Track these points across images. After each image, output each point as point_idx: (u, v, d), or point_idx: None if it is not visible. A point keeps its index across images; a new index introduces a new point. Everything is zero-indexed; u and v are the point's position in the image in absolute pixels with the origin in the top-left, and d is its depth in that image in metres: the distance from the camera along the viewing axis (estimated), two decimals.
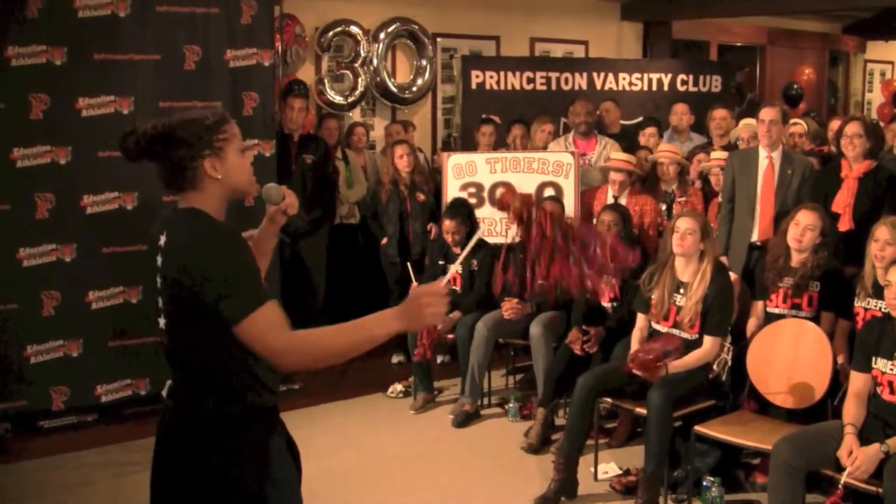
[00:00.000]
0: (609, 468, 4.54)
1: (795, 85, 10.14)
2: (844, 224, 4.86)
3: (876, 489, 3.30)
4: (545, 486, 4.26)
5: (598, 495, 4.34)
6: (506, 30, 8.63)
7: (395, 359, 6.48)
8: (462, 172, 6.27)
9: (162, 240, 2.19)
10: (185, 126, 2.17)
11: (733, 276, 4.70)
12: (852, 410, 3.54)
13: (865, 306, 4.17)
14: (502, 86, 7.92)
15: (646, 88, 8.28)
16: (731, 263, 5.08)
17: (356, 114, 7.83)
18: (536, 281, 2.52)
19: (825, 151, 6.32)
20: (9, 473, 4.60)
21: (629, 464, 4.54)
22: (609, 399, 4.41)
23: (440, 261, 5.66)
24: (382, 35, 7.78)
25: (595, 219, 5.33)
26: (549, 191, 6.01)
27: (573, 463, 4.27)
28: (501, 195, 2.44)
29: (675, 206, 5.63)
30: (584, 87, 8.06)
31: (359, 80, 7.67)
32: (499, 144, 6.92)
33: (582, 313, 5.05)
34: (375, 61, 7.75)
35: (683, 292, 4.30)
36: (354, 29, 7.62)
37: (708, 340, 4.22)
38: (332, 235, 6.48)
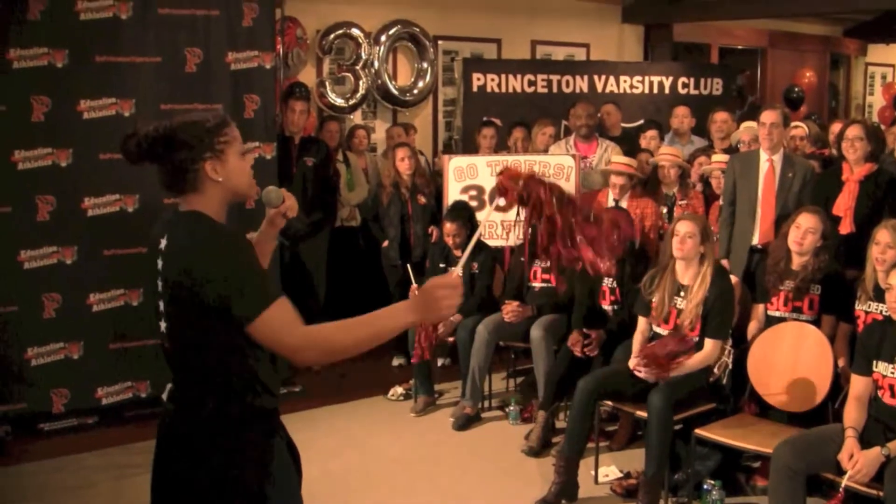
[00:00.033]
0: (610, 471, 4.53)
1: (796, 88, 10.14)
2: (845, 227, 4.85)
3: (877, 493, 3.30)
4: (546, 489, 4.25)
5: (599, 498, 4.33)
6: (507, 32, 8.64)
7: (396, 361, 6.48)
8: (463, 175, 6.27)
9: (163, 243, 2.18)
10: (187, 128, 2.17)
11: (734, 279, 4.70)
12: (853, 414, 3.53)
13: (866, 309, 4.17)
14: (503, 88, 7.92)
15: (647, 91, 8.28)
16: (732, 266, 5.08)
17: (357, 116, 7.84)
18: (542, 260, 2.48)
19: (826, 154, 6.31)
20: (9, 476, 4.60)
21: (630, 467, 4.53)
22: (610, 402, 4.41)
23: (441, 263, 5.65)
24: (383, 38, 7.79)
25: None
26: None
27: (574, 466, 4.26)
28: (499, 181, 2.39)
29: (676, 210, 5.62)
30: (585, 90, 8.06)
31: (360, 83, 7.68)
32: (500, 147, 6.93)
33: (582, 316, 5.06)
34: (377, 64, 7.76)
35: (684, 295, 4.30)
36: (356, 31, 7.63)
37: (708, 343, 4.22)
38: (333, 238, 6.49)
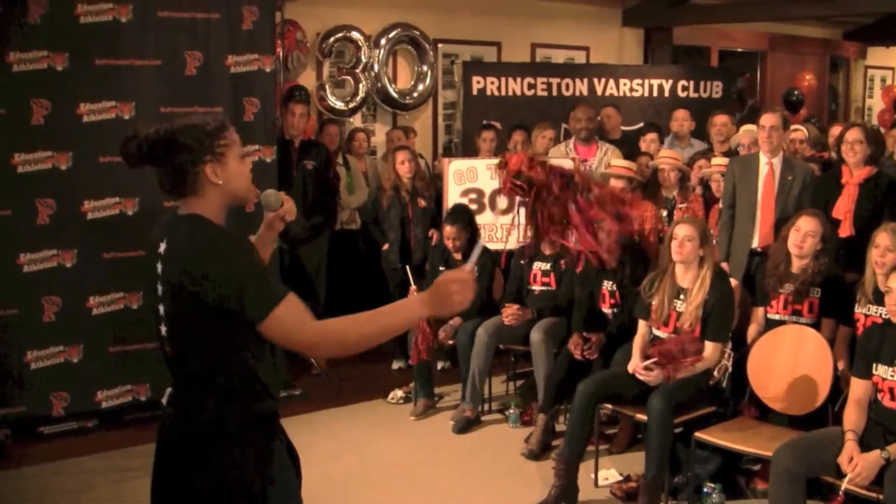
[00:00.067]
0: (609, 474, 4.53)
1: (796, 91, 10.14)
2: (845, 230, 4.85)
3: (877, 495, 3.29)
4: (546, 493, 4.25)
5: (599, 501, 4.33)
6: (507, 35, 8.64)
7: (396, 365, 6.48)
8: (463, 178, 6.28)
9: (162, 246, 2.18)
10: (187, 131, 2.17)
11: (734, 283, 4.70)
12: (853, 417, 3.53)
13: (866, 312, 4.17)
14: (503, 91, 7.92)
15: (647, 94, 8.28)
16: (732, 269, 5.07)
17: (357, 119, 7.84)
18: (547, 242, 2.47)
19: (826, 157, 6.32)
20: (9, 479, 4.60)
21: (630, 470, 4.53)
22: (610, 405, 4.41)
23: (440, 266, 5.65)
24: (383, 41, 7.79)
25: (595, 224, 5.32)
26: None
27: (574, 469, 4.26)
28: (500, 164, 2.40)
29: (676, 213, 5.62)
30: (585, 93, 8.06)
31: (360, 86, 7.68)
32: (500, 150, 6.92)
33: (582, 319, 5.06)
34: (376, 67, 7.77)
35: (683, 298, 4.30)
36: (356, 35, 7.63)
37: (708, 346, 4.22)
38: (333, 241, 6.49)
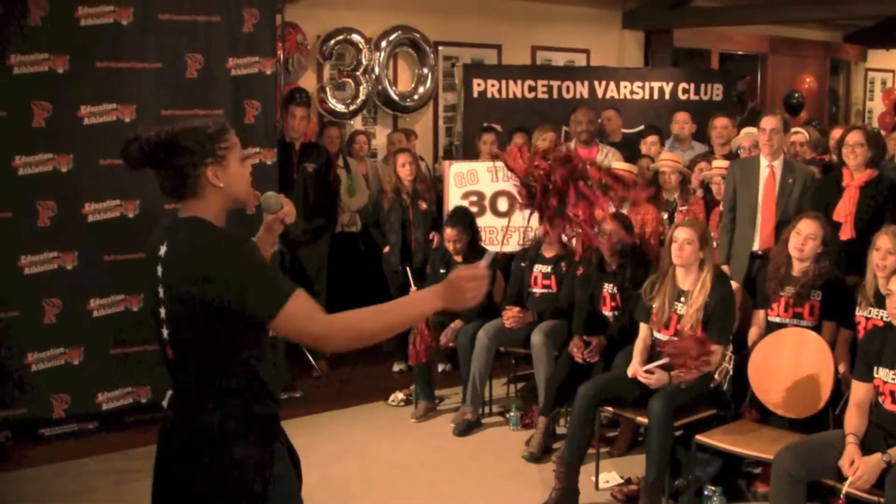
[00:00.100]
0: (610, 477, 4.53)
1: (796, 94, 10.14)
2: (846, 233, 4.85)
3: (878, 499, 3.29)
4: (546, 495, 4.25)
5: None
6: (507, 38, 8.64)
7: (397, 367, 6.47)
8: (463, 181, 6.28)
9: (162, 249, 2.18)
10: (188, 134, 2.18)
11: (735, 285, 4.69)
12: (854, 420, 3.53)
13: (867, 315, 4.17)
14: (504, 94, 7.92)
15: (647, 97, 8.28)
16: (733, 272, 5.07)
17: (358, 122, 7.84)
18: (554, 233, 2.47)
19: (826, 160, 6.32)
20: (9, 481, 4.60)
21: (630, 473, 4.53)
22: (610, 408, 4.41)
23: (441, 269, 5.64)
24: (384, 43, 7.79)
25: (596, 227, 5.32)
26: None
27: (574, 472, 4.26)
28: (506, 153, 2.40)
29: (677, 215, 5.62)
30: (586, 96, 8.06)
31: (360, 89, 7.69)
32: (500, 151, 6.92)
33: (583, 321, 5.06)
34: (377, 69, 7.77)
35: (684, 301, 4.30)
36: (356, 37, 7.64)
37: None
38: (334, 243, 6.49)
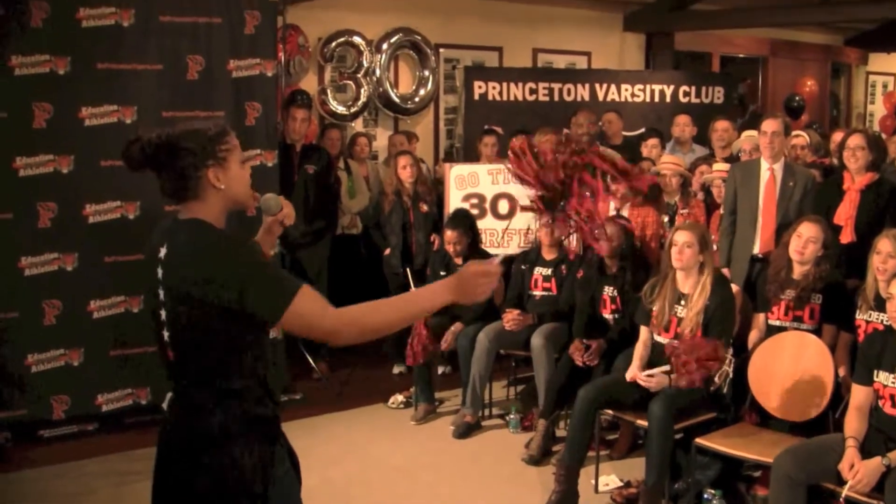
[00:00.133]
0: (610, 480, 4.52)
1: (797, 97, 10.14)
2: (846, 236, 4.85)
3: (877, 503, 3.29)
4: (546, 498, 4.24)
5: None
6: (508, 41, 8.65)
7: (397, 369, 6.47)
8: (464, 183, 6.28)
9: (162, 252, 2.18)
10: (190, 136, 2.18)
11: (735, 289, 4.70)
12: (854, 423, 3.53)
13: (867, 319, 4.16)
14: (505, 96, 7.92)
15: (648, 100, 8.29)
16: (733, 275, 5.07)
17: (358, 124, 7.85)
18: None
19: (827, 163, 6.31)
20: (9, 482, 4.60)
21: (630, 476, 4.53)
22: (610, 411, 4.40)
23: (441, 271, 5.64)
24: (385, 45, 7.80)
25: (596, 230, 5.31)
26: None
27: (574, 475, 4.25)
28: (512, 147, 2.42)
29: (678, 218, 5.62)
30: (587, 99, 8.07)
31: (361, 91, 7.69)
32: (501, 155, 6.92)
33: (583, 324, 5.06)
34: (378, 72, 7.78)
35: (684, 304, 4.30)
36: (357, 39, 7.64)
37: None
38: (334, 246, 6.49)
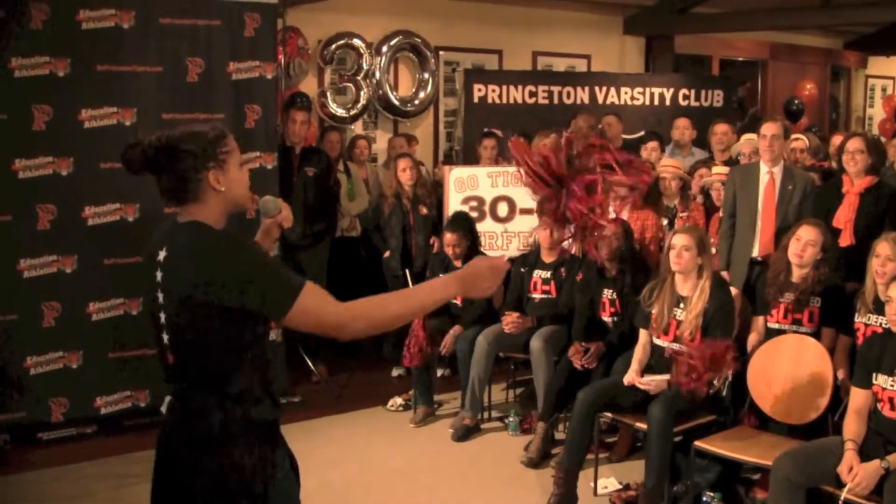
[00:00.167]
0: (609, 483, 4.52)
1: (797, 100, 10.15)
2: (845, 239, 4.85)
3: None
4: (545, 501, 4.25)
5: None
6: (508, 43, 8.66)
7: (395, 372, 6.47)
8: (464, 186, 6.28)
9: (161, 254, 2.18)
10: (190, 139, 2.18)
11: (734, 292, 4.70)
12: (853, 426, 3.53)
13: (866, 322, 4.17)
14: (504, 99, 7.93)
15: (648, 103, 8.29)
16: (733, 278, 5.07)
17: (358, 126, 7.86)
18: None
19: (826, 167, 6.32)
20: (8, 485, 4.59)
21: (629, 478, 4.52)
22: (609, 413, 4.41)
23: (441, 274, 5.64)
24: (385, 48, 7.81)
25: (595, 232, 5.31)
26: None
27: (573, 477, 4.26)
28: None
29: (677, 221, 5.62)
30: (587, 101, 8.08)
31: (361, 93, 7.70)
32: (501, 158, 6.93)
33: (582, 327, 5.06)
34: (378, 74, 7.78)
35: (683, 307, 4.30)
36: (357, 42, 7.66)
37: None
38: (334, 248, 6.49)
